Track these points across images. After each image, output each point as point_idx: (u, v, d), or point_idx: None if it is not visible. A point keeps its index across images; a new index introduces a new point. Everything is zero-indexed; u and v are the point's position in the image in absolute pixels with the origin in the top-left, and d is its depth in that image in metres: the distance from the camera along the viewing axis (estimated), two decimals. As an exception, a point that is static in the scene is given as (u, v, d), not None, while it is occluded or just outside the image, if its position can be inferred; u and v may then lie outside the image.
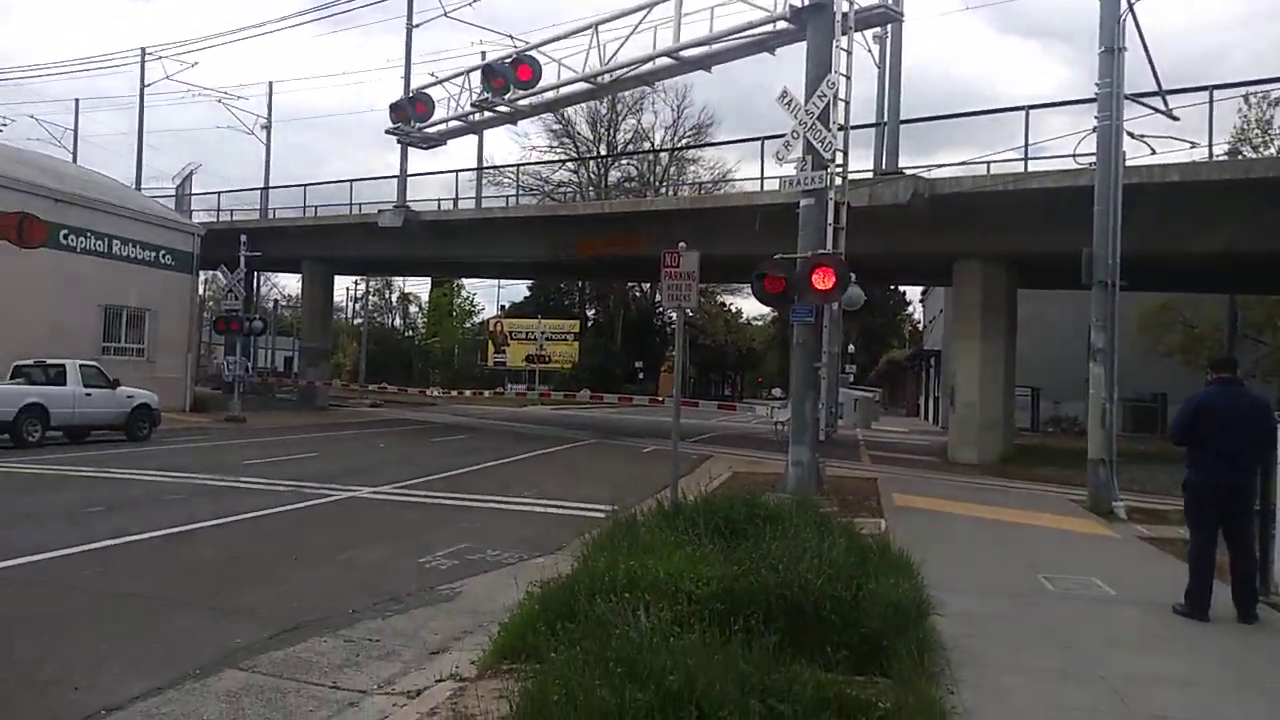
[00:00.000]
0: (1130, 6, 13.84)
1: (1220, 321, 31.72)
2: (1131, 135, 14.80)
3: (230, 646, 6.04)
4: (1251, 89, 27.03)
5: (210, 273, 39.40)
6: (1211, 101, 17.82)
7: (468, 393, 44.26)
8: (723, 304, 77.55)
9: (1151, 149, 15.58)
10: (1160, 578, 8.52)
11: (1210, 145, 18.18)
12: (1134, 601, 7.63)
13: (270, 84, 43.80)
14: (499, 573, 8.56)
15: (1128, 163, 14.76)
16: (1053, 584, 8.18)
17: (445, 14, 29.47)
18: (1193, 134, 17.46)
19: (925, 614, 5.79)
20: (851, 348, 57.34)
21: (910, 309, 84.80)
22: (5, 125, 35.42)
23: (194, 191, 40.48)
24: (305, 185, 38.39)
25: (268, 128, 42.70)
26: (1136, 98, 14.94)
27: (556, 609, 5.67)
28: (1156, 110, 15.19)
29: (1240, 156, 26.27)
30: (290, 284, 67.34)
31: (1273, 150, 27.15)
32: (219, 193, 41.36)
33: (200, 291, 37.98)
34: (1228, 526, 7.10)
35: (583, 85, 20.57)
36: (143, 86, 41.16)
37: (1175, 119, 15.44)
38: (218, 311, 35.15)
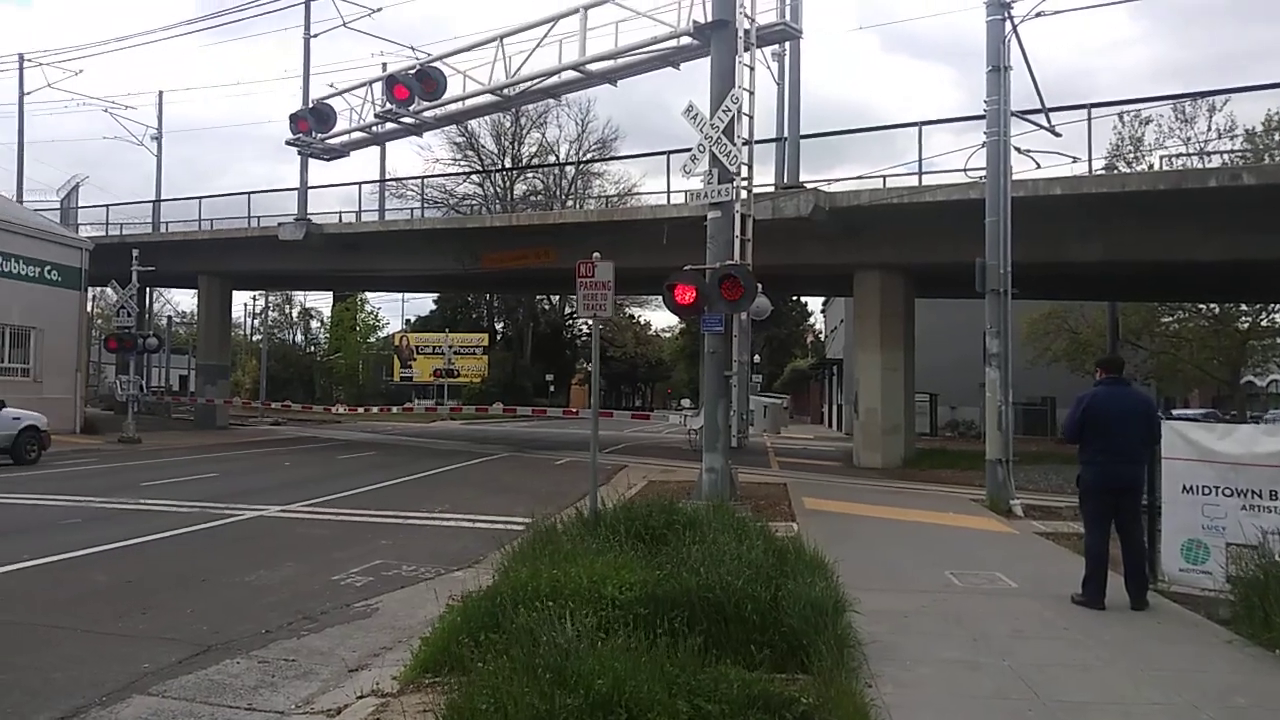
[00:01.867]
0: (1014, 28, 14.52)
1: (1102, 327, 33.33)
2: (1019, 150, 15.53)
3: (137, 672, 5.84)
4: (1125, 108, 28.65)
5: (100, 289, 37.80)
6: (1090, 119, 18.80)
7: (375, 409, 43.37)
8: (632, 317, 77.88)
9: (1037, 163, 16.40)
10: (1058, 570, 8.94)
11: (1090, 160, 19.18)
12: (1035, 594, 7.98)
13: (160, 94, 42.24)
14: (416, 588, 8.46)
15: (1015, 176, 15.46)
16: (959, 579, 8.49)
17: (345, 24, 29.09)
18: (1074, 149, 18.42)
19: (842, 611, 5.95)
20: (757, 358, 58.37)
21: (812, 319, 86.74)
22: None
23: (80, 204, 38.82)
24: (200, 198, 37.22)
25: (158, 138, 41.20)
26: (1022, 115, 15.66)
27: (480, 620, 5.65)
28: (1040, 127, 15.96)
29: (1116, 171, 27.73)
30: (185, 300, 64.96)
31: (1144, 165, 28.75)
32: (107, 205, 39.66)
33: (90, 308, 36.40)
34: (1119, 519, 7.49)
35: (488, 97, 20.48)
36: (22, 94, 39.22)
37: (1058, 135, 16.26)
38: (109, 329, 33.72)
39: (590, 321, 11.10)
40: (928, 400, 39.64)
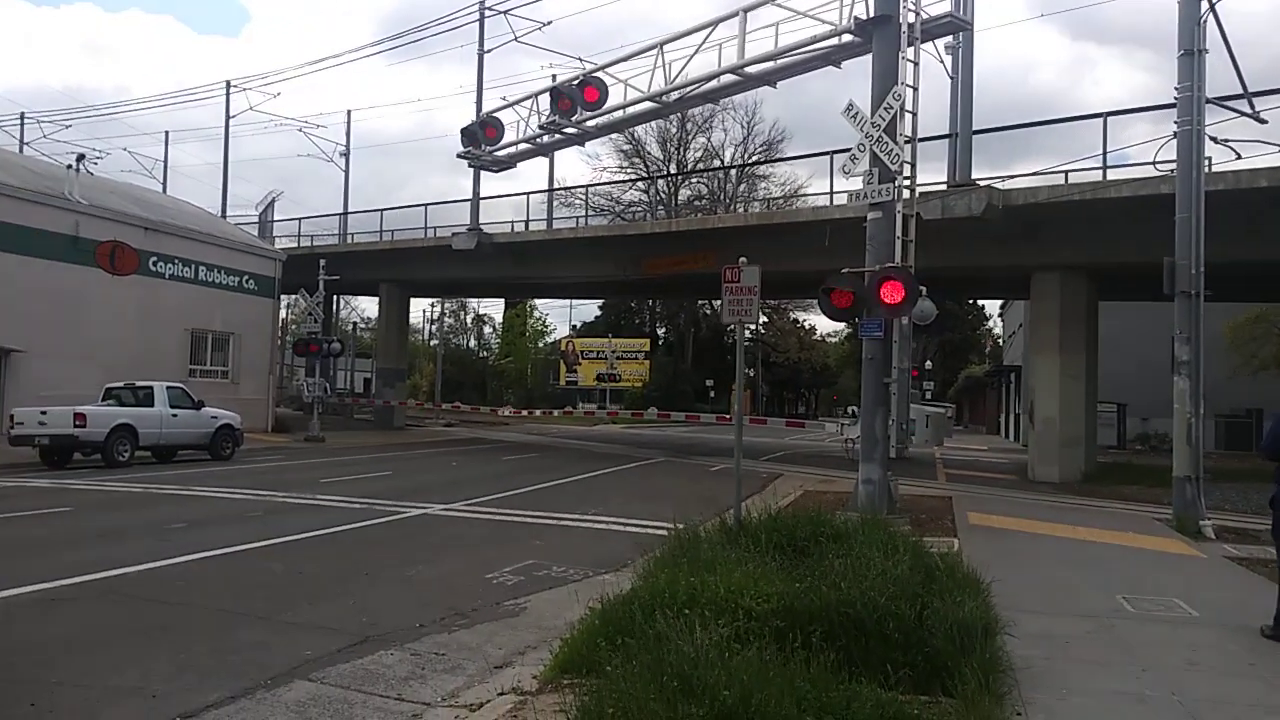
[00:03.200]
0: (1211, 7, 13.40)
1: (1319, 333, 30.33)
2: (1215, 140, 14.29)
3: (300, 658, 6.18)
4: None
5: (291, 296, 40.56)
6: (1302, 103, 17.06)
7: (538, 412, 44.70)
8: (795, 321, 76.94)
9: (1237, 154, 15.00)
10: (1248, 599, 8.16)
11: (1301, 148, 17.39)
12: (1218, 624, 7.30)
13: (349, 113, 45.33)
14: (564, 589, 8.57)
15: (1213, 168, 14.26)
16: (1132, 605, 7.88)
17: (516, 39, 30.18)
18: (1283, 138, 16.75)
19: (993, 634, 5.62)
20: (929, 364, 56.38)
21: (990, 324, 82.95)
22: (100, 158, 37.15)
23: (276, 218, 41.96)
24: (381, 210, 39.40)
25: (346, 155, 43.96)
26: (1219, 101, 14.41)
27: (617, 624, 5.67)
28: (1241, 113, 14.63)
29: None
30: (368, 306, 69.06)
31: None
32: (299, 219, 42.89)
33: (281, 315, 39.17)
34: (1321, 545, 6.76)
35: (649, 104, 20.72)
36: (228, 118, 42.81)
37: (1263, 122, 14.85)
38: (298, 334, 36.18)
39: (747, 326, 10.98)
40: (1115, 411, 37.22)
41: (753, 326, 10.64)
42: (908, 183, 13.05)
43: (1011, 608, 6.59)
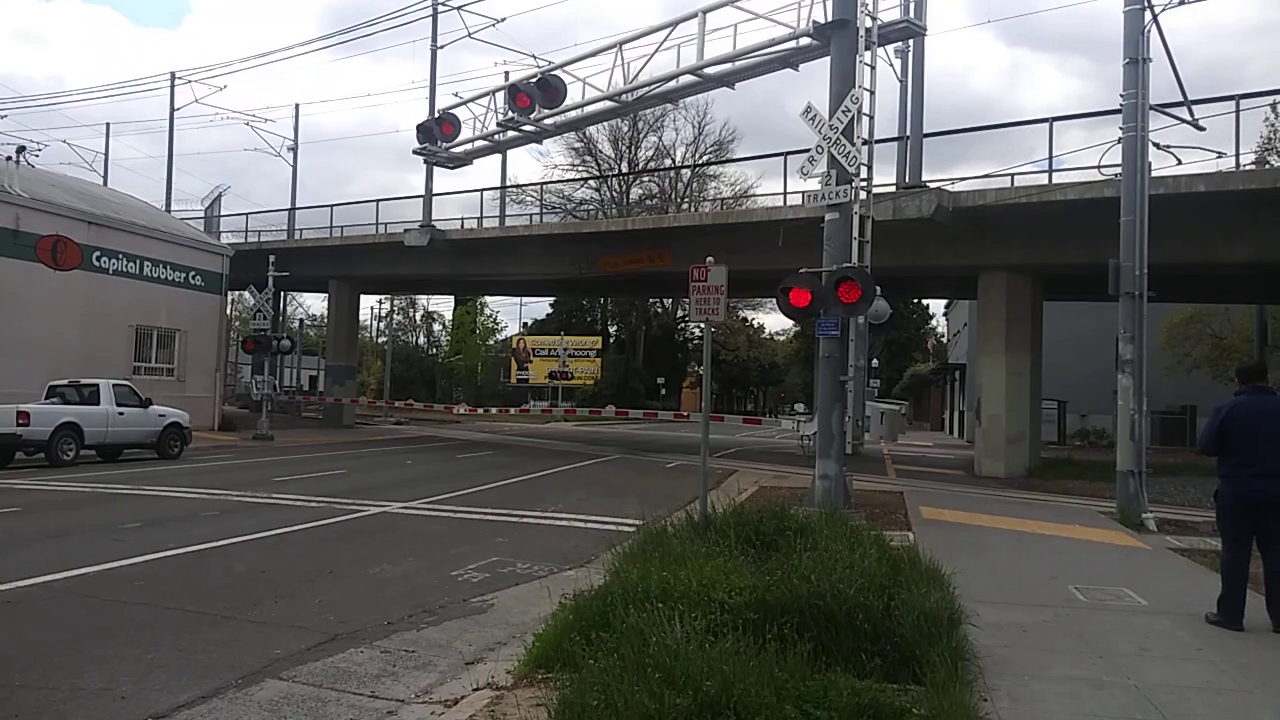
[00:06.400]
0: (1155, 18, 13.85)
1: (1249, 332, 31.42)
2: (1157, 146, 14.79)
3: (270, 657, 6.15)
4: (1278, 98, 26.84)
5: (238, 293, 39.86)
6: (1238, 111, 17.73)
7: (493, 410, 44.49)
8: (745, 319, 77.51)
9: (1177, 159, 15.59)
10: (1192, 588, 8.50)
11: (1237, 155, 18.10)
12: (1166, 612, 7.60)
13: (296, 106, 44.57)
14: (530, 585, 8.63)
15: (1154, 173, 14.72)
16: (1084, 595, 8.15)
17: (469, 34, 30.05)
18: (1219, 143, 17.45)
19: (957, 623, 5.81)
20: (875, 362, 57.18)
21: (934, 322, 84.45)
22: (40, 150, 35.92)
23: (222, 213, 41.20)
24: (331, 206, 38.95)
25: (294, 149, 43.33)
26: (1161, 108, 14.90)
27: (591, 619, 5.74)
28: (1182, 120, 15.16)
29: (1267, 165, 26.05)
30: (315, 303, 68.07)
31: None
32: (247, 214, 42.03)
33: (228, 311, 38.49)
34: (1261, 538, 7.04)
35: (607, 104, 20.75)
36: (172, 110, 41.89)
37: (1201, 129, 15.40)
38: (245, 331, 35.59)
39: (702, 325, 11.11)
40: (1055, 407, 38.14)
41: (718, 322, 10.78)
42: (865, 184, 13.27)
43: (970, 598, 6.79)
